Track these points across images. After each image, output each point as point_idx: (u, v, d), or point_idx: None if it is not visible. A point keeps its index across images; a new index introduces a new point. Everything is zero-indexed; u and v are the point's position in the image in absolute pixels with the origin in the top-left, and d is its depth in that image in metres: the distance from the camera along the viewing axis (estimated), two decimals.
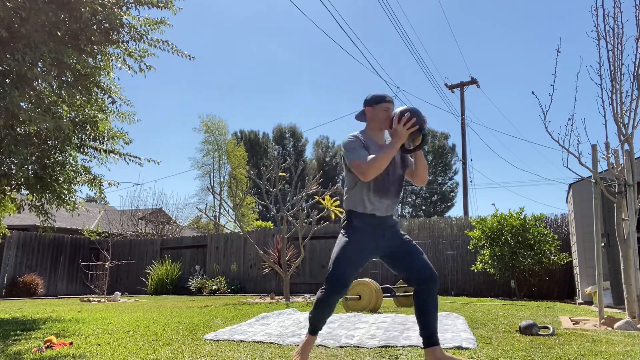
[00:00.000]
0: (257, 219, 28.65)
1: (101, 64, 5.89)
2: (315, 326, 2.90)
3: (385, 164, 2.74)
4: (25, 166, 5.92)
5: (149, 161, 7.12)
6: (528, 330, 4.09)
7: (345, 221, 2.92)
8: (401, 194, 3.01)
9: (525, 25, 51.34)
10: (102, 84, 6.09)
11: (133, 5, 5.62)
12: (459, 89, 19.15)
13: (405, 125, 2.74)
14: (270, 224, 18.94)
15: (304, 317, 5.79)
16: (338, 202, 10.14)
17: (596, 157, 5.21)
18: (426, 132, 2.80)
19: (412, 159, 3.05)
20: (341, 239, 2.86)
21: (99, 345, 3.87)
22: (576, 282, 9.40)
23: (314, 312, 2.88)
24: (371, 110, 2.96)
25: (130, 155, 6.93)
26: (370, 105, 2.96)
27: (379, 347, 3.61)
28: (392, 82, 62.92)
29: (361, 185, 2.86)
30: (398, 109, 2.83)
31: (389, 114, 2.92)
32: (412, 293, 7.21)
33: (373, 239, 2.85)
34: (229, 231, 14.74)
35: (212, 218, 27.14)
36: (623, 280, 5.02)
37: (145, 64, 5.89)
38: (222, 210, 26.56)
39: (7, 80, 4.99)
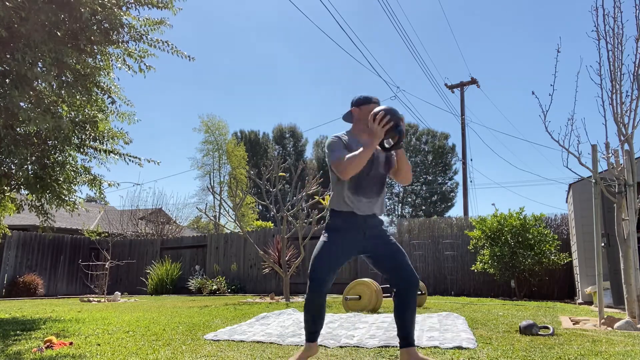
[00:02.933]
0: (257, 219, 28.63)
1: (101, 64, 5.89)
2: (309, 332, 2.93)
3: (362, 162, 2.75)
4: (25, 166, 5.92)
5: (149, 161, 7.11)
6: (528, 330, 4.09)
7: (327, 221, 2.97)
8: (384, 193, 3.01)
9: (525, 25, 51.37)
10: (102, 84, 6.09)
11: (133, 5, 5.62)
12: (459, 89, 19.16)
13: (379, 123, 2.73)
14: (270, 224, 18.94)
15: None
16: None
17: (596, 157, 5.21)
18: (402, 129, 2.79)
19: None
20: (321, 239, 2.92)
21: (99, 345, 3.87)
22: (576, 282, 9.40)
23: (304, 317, 2.93)
24: (357, 111, 2.99)
25: (130, 156, 6.93)
26: (357, 106, 2.99)
27: (379, 347, 3.61)
28: (392, 82, 62.94)
29: (342, 184, 2.88)
30: (374, 110, 2.84)
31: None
32: None
33: (352, 238, 2.88)
34: (229, 231, 14.73)
35: (212, 218, 27.10)
36: (623, 280, 5.02)
37: (145, 64, 5.89)
38: (222, 210, 26.55)
39: (7, 80, 4.99)
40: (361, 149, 2.76)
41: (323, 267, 2.82)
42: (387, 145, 2.87)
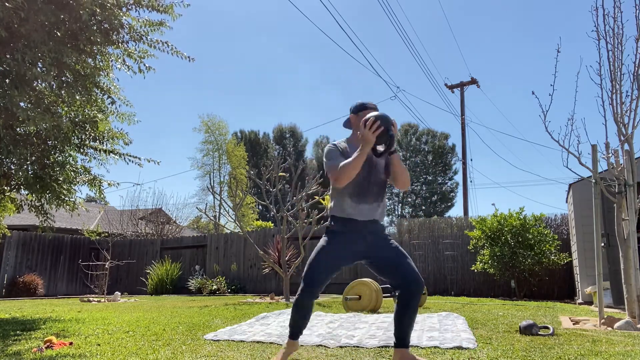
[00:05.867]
0: (257, 219, 28.63)
1: (101, 64, 5.89)
2: (293, 330, 3.00)
3: (355, 169, 2.74)
4: (25, 166, 5.92)
5: (149, 161, 7.11)
6: (528, 330, 4.09)
7: (327, 227, 2.98)
8: (384, 199, 3.01)
9: (525, 25, 51.37)
10: (102, 85, 6.09)
11: (133, 6, 5.62)
12: (459, 89, 19.15)
13: (370, 129, 2.71)
14: (270, 224, 18.93)
15: None
16: None
17: (596, 157, 5.21)
18: (393, 134, 2.76)
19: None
20: (319, 243, 2.93)
21: (99, 345, 3.87)
22: (576, 282, 9.40)
23: (292, 316, 2.97)
24: (355, 118, 3.01)
25: (130, 156, 6.93)
26: (354, 112, 3.01)
27: (379, 347, 3.61)
28: (392, 82, 62.91)
29: (341, 190, 2.88)
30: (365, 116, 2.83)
31: None
32: None
33: (352, 244, 2.87)
34: (229, 231, 14.73)
35: (212, 218, 27.13)
36: (623, 280, 5.02)
37: (145, 64, 5.90)
38: (222, 210, 26.57)
39: (6, 80, 4.99)
40: (353, 155, 2.76)
41: (319, 270, 2.84)
42: (379, 151, 2.86)
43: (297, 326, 2.98)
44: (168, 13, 5.70)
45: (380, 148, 2.85)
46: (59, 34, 4.99)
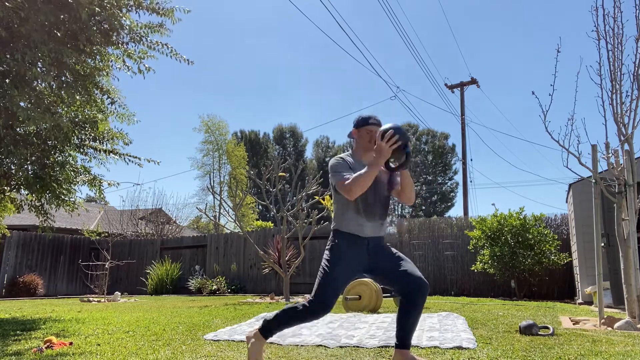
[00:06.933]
0: (257, 219, 28.63)
1: (101, 64, 5.89)
2: (272, 332, 2.87)
3: (368, 181, 2.66)
4: (25, 166, 5.92)
5: (149, 161, 7.12)
6: (528, 330, 4.09)
7: (331, 242, 2.87)
8: (388, 216, 2.96)
9: (525, 25, 51.37)
10: (102, 85, 6.09)
11: (133, 8, 5.62)
12: (459, 89, 19.15)
13: (387, 142, 2.62)
14: (270, 224, 18.93)
15: None
16: None
17: (596, 157, 5.21)
18: (410, 150, 2.71)
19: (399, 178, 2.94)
20: (324, 260, 2.83)
21: (99, 345, 3.87)
22: (576, 282, 9.39)
23: (280, 321, 2.83)
24: (356, 132, 2.92)
25: (129, 156, 6.93)
26: (356, 127, 2.92)
27: (379, 347, 3.61)
28: (392, 82, 62.88)
29: (346, 206, 2.82)
30: (382, 127, 2.73)
31: (373, 136, 2.85)
32: None
33: (357, 260, 2.81)
34: (229, 231, 14.73)
35: (212, 218, 27.13)
36: (623, 280, 5.02)
37: (144, 65, 5.90)
38: (222, 210, 26.54)
39: (7, 80, 4.99)
40: (366, 167, 2.66)
41: (331, 292, 2.75)
42: (392, 165, 2.76)
43: (278, 330, 2.87)
44: (168, 16, 5.70)
45: (392, 163, 2.75)
46: (59, 34, 4.99)
